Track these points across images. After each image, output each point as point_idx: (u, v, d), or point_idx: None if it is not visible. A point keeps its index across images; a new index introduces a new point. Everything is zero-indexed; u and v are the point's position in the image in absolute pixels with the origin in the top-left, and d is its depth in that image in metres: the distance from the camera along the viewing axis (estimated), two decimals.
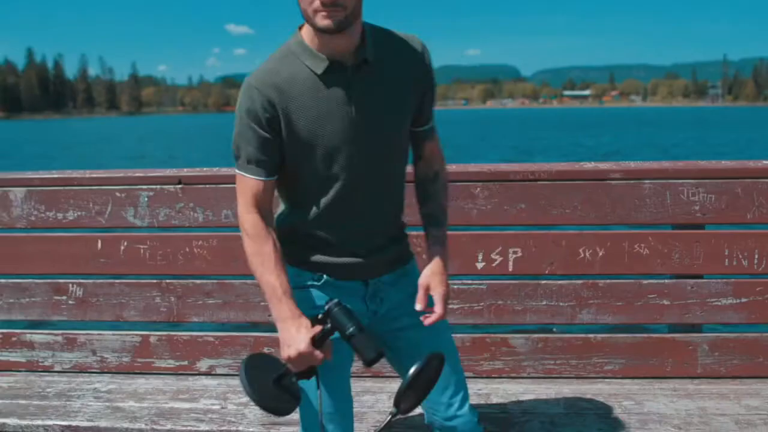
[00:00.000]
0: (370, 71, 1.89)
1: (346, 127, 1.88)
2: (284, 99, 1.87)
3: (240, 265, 2.98)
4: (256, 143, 1.90)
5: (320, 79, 1.87)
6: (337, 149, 1.90)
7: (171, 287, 3.08)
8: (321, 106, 1.87)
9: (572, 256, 2.91)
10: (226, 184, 3.02)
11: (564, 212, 2.90)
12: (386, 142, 1.96)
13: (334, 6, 1.76)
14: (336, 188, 1.94)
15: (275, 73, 1.89)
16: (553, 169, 2.91)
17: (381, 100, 1.92)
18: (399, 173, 2.05)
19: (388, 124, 1.94)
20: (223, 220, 3.03)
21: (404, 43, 1.97)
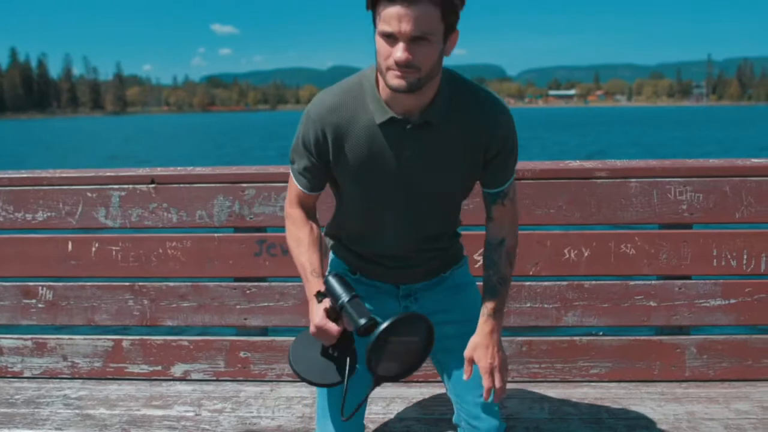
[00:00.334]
0: (431, 131, 1.90)
1: (392, 178, 1.94)
2: (339, 138, 1.92)
3: (215, 266, 2.91)
4: (306, 164, 2.00)
5: (379, 127, 1.90)
6: (379, 194, 1.98)
7: (144, 290, 2.99)
8: (372, 153, 1.92)
9: (557, 257, 2.83)
10: (200, 183, 2.93)
11: (548, 212, 2.82)
12: (430, 199, 2.00)
13: (408, 67, 1.74)
14: (373, 224, 2.04)
15: (337, 110, 1.91)
16: (538, 168, 2.83)
17: (434, 160, 1.93)
18: (446, 215, 2.11)
19: (435, 184, 1.97)
20: (198, 220, 2.94)
21: (479, 107, 1.94)
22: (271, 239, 2.91)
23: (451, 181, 2.01)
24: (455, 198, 2.10)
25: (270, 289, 2.94)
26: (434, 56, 1.77)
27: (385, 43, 1.75)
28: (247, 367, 2.96)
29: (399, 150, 1.92)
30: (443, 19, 1.75)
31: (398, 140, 1.91)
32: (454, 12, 1.77)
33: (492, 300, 2.05)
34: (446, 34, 1.79)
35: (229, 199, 2.92)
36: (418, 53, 1.74)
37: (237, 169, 2.96)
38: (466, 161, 1.97)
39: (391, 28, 1.71)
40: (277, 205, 2.90)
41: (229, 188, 2.92)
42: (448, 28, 1.78)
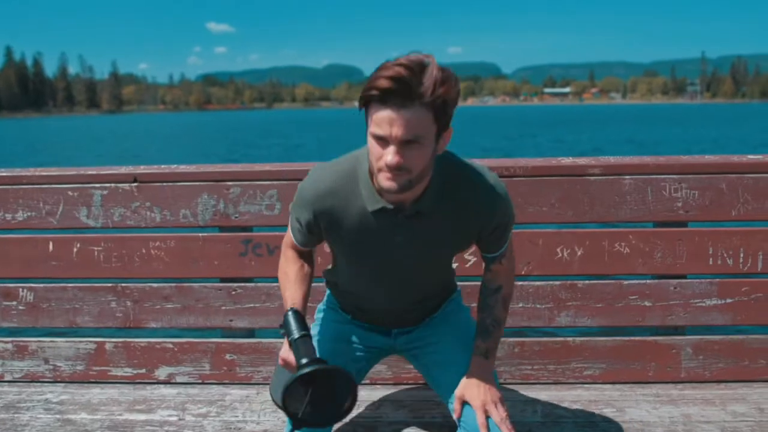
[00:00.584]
0: (422, 219, 1.94)
1: (384, 260, 2.02)
2: (332, 222, 1.99)
3: (200, 266, 2.84)
4: (300, 228, 2.08)
5: (371, 215, 1.94)
6: (372, 272, 2.07)
7: (127, 291, 2.91)
8: (364, 238, 1.97)
9: (549, 256, 2.77)
10: (184, 181, 2.86)
11: (541, 210, 2.76)
12: (422, 271, 2.09)
13: (399, 170, 1.75)
14: (365, 290, 2.16)
15: (331, 195, 1.95)
16: (530, 165, 2.77)
17: (426, 244, 1.99)
18: (438, 278, 2.21)
19: (427, 261, 2.06)
20: (181, 219, 2.87)
21: (473, 196, 1.96)
22: (256, 239, 2.85)
23: (442, 257, 2.12)
24: (449, 264, 2.21)
25: (256, 290, 2.87)
26: (426, 158, 1.78)
27: (377, 145, 1.75)
28: (233, 370, 2.89)
29: (391, 236, 1.96)
30: (436, 121, 1.74)
31: (390, 228, 1.94)
32: (446, 112, 1.76)
33: (484, 341, 2.11)
34: (439, 134, 1.79)
35: (213, 198, 2.85)
36: (409, 156, 1.74)
37: (221, 167, 2.89)
38: (459, 240, 2.04)
39: (383, 131, 1.71)
40: (263, 203, 2.83)
41: (214, 186, 2.85)
42: (441, 128, 1.78)
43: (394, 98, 1.68)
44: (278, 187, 2.82)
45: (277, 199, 2.82)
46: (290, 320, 1.94)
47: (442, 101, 1.71)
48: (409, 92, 1.67)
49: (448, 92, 1.72)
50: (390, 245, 1.98)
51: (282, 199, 2.82)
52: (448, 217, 1.95)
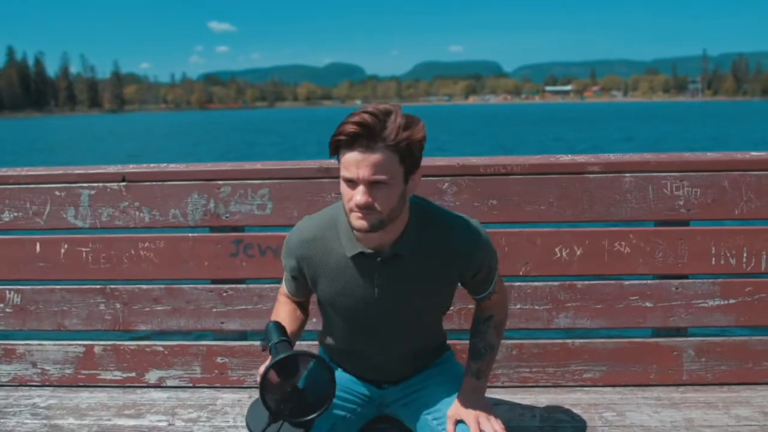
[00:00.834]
0: (401, 263, 2.01)
1: (366, 306, 2.06)
2: (314, 269, 2.07)
3: (190, 267, 2.78)
4: (288, 277, 2.19)
5: (350, 261, 2.02)
6: (356, 321, 2.11)
7: (116, 293, 2.85)
8: (346, 283, 2.05)
9: (548, 256, 2.70)
10: (173, 181, 2.80)
11: (539, 208, 2.69)
12: (407, 323, 2.12)
13: (368, 209, 1.84)
14: (352, 340, 2.18)
15: (312, 244, 2.06)
16: (527, 163, 2.70)
17: (407, 289, 2.04)
18: (426, 331, 2.23)
19: (410, 308, 2.08)
20: (171, 219, 2.81)
21: (450, 240, 2.02)
22: (248, 239, 2.78)
23: (426, 306, 2.13)
24: (433, 315, 2.22)
25: (248, 292, 2.81)
26: (394, 198, 1.87)
27: (348, 188, 1.86)
28: (224, 373, 2.83)
29: (371, 281, 2.03)
30: (401, 163, 1.85)
31: (370, 272, 2.02)
32: (412, 154, 1.86)
33: (476, 362, 2.15)
34: (407, 175, 1.89)
35: (203, 198, 2.79)
36: (377, 196, 1.84)
37: (212, 166, 2.82)
38: (441, 286, 2.09)
39: (351, 174, 1.83)
40: (254, 203, 2.77)
41: (204, 186, 2.79)
42: (408, 169, 1.88)
43: (359, 141, 1.80)
44: (270, 186, 2.76)
45: (268, 199, 2.76)
46: (271, 328, 1.90)
47: (406, 144, 1.82)
48: (374, 135, 1.79)
49: (412, 136, 1.82)
50: (372, 292, 2.04)
51: (273, 199, 2.76)
52: (427, 260, 2.02)
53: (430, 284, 2.05)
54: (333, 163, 2.73)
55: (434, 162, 2.72)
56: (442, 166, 2.70)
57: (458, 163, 2.71)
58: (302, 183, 2.73)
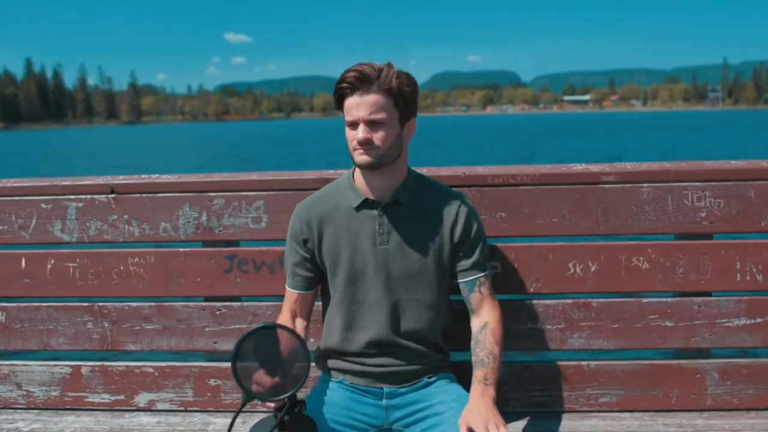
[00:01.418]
0: (403, 211, 2.23)
1: (368, 253, 2.22)
2: (321, 223, 2.26)
3: (182, 284, 2.63)
4: (295, 259, 2.31)
5: (355, 210, 2.23)
6: (359, 272, 2.23)
7: (104, 311, 2.71)
8: (351, 233, 2.23)
9: (561, 272, 2.53)
10: (164, 192, 2.66)
11: (551, 221, 2.52)
12: (408, 273, 2.23)
13: (368, 145, 2.10)
14: (355, 311, 2.26)
15: (320, 201, 2.29)
16: (538, 172, 2.54)
17: (407, 237, 2.22)
18: (427, 302, 2.26)
19: (411, 258, 2.23)
20: (162, 233, 2.66)
21: (445, 196, 2.29)
22: (242, 254, 2.63)
23: (423, 261, 2.23)
24: (431, 286, 2.25)
25: (242, 310, 2.65)
26: (391, 137, 2.12)
27: (350, 130, 2.13)
28: (217, 397, 2.67)
29: (374, 229, 2.22)
30: (396, 107, 2.12)
31: (373, 219, 2.22)
32: (405, 100, 2.13)
33: (482, 369, 2.15)
34: (402, 120, 2.16)
35: (196, 210, 2.64)
36: (376, 134, 2.10)
37: (204, 177, 2.68)
38: (435, 241, 2.24)
39: (352, 116, 2.10)
40: (248, 216, 2.62)
41: (196, 198, 2.64)
42: (403, 114, 2.15)
43: (358, 87, 2.08)
44: (265, 198, 2.61)
45: (264, 211, 2.61)
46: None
47: (398, 90, 2.10)
48: (370, 81, 2.08)
49: (403, 84, 2.11)
50: (374, 238, 2.21)
51: (269, 212, 2.61)
52: (423, 211, 2.24)
53: (426, 234, 2.23)
54: (332, 173, 2.59)
55: (439, 172, 2.57)
56: (446, 176, 2.54)
57: (464, 173, 2.55)
58: (300, 194, 2.57)
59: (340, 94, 2.12)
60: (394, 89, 2.10)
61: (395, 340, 2.24)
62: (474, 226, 2.26)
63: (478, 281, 2.26)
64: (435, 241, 2.24)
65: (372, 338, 2.24)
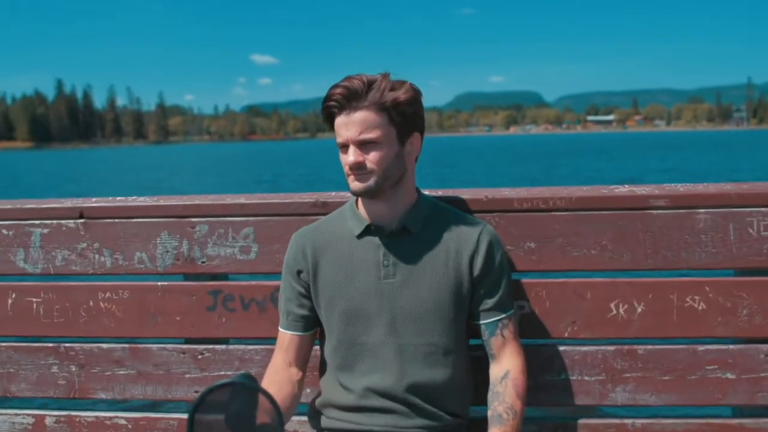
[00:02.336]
0: (411, 240, 1.94)
1: (371, 288, 1.93)
2: (317, 252, 1.98)
3: (159, 324, 2.29)
4: (289, 294, 2.03)
5: (357, 239, 1.96)
6: (359, 310, 1.94)
7: (71, 353, 2.36)
8: (351, 264, 1.95)
9: (601, 313, 2.15)
10: (140, 217, 2.32)
11: (589, 253, 2.15)
12: (418, 312, 1.93)
13: (361, 169, 1.85)
14: (354, 352, 1.95)
15: (318, 228, 2.03)
16: (574, 195, 2.16)
17: (416, 269, 1.93)
18: (440, 347, 1.95)
19: (421, 294, 1.93)
20: (137, 265, 2.32)
21: (462, 222, 1.99)
22: (228, 289, 2.28)
23: (436, 298, 1.93)
24: (445, 328, 1.94)
25: (227, 354, 2.29)
26: (388, 157, 1.86)
27: (342, 154, 1.88)
28: None
29: (378, 260, 1.94)
30: (391, 122, 1.86)
31: (377, 250, 1.94)
32: (401, 114, 1.86)
33: (499, 427, 1.88)
34: (402, 137, 1.89)
35: (175, 238, 2.29)
36: (369, 156, 1.85)
37: (186, 200, 2.33)
38: (450, 275, 1.93)
39: (341, 138, 1.86)
40: (236, 245, 2.26)
41: (176, 224, 2.30)
42: (401, 130, 1.88)
43: (344, 105, 1.84)
44: (255, 224, 2.26)
45: (253, 240, 2.26)
46: None
47: (392, 103, 1.83)
48: (357, 96, 1.82)
49: (398, 96, 1.84)
50: (378, 272, 1.93)
51: (260, 240, 2.25)
52: (436, 240, 1.95)
53: (440, 268, 1.93)
54: (331, 195, 2.24)
55: (458, 194, 2.20)
56: (466, 200, 2.17)
57: (486, 195, 2.18)
58: (294, 220, 2.23)
59: (328, 113, 1.89)
60: (386, 103, 1.84)
61: (400, 394, 1.91)
62: (497, 257, 1.97)
63: (500, 323, 1.97)
64: (450, 274, 1.94)
65: (371, 390, 1.92)
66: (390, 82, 1.85)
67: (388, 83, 1.85)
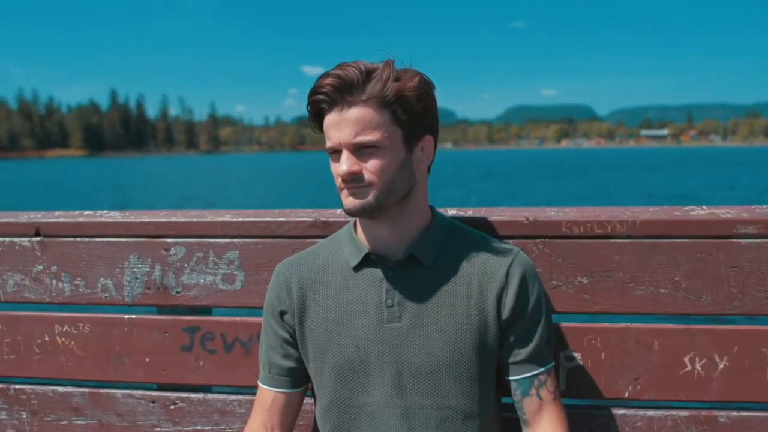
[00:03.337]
0: (423, 273, 1.57)
1: (371, 335, 1.56)
2: (304, 289, 1.62)
3: (126, 365, 1.91)
4: (270, 341, 1.66)
5: (354, 272, 1.59)
6: (357, 362, 1.57)
7: (22, 397, 1.99)
8: (347, 305, 1.59)
9: (672, 369, 1.70)
10: (105, 236, 1.94)
11: (657, 292, 1.70)
12: (430, 365, 1.55)
13: (356, 181, 1.49)
14: (349, 416, 1.58)
15: (307, 259, 1.66)
16: (639, 219, 1.70)
17: (428, 310, 1.56)
18: (459, 410, 1.56)
19: (434, 342, 1.55)
20: (100, 293, 1.94)
21: (488, 251, 1.60)
22: (207, 326, 1.88)
23: (454, 347, 1.54)
24: (465, 386, 1.55)
25: (205, 405, 1.89)
26: (391, 167, 1.50)
27: (333, 162, 1.54)
28: None
29: (380, 298, 1.56)
30: (395, 122, 1.49)
31: (378, 286, 1.57)
32: (409, 111, 1.49)
33: None
34: (409, 140, 1.52)
35: (146, 262, 1.90)
36: (366, 164, 1.49)
37: (158, 215, 1.93)
38: (471, 318, 1.55)
39: (332, 141, 1.51)
40: (217, 272, 1.86)
41: (147, 245, 1.90)
42: (409, 131, 1.52)
43: (337, 100, 1.48)
44: (241, 247, 1.85)
45: (238, 266, 1.85)
46: None
47: (397, 96, 1.47)
48: (352, 88, 1.46)
49: (404, 87, 1.47)
50: (381, 314, 1.55)
51: (246, 267, 1.85)
52: (453, 274, 1.56)
53: (460, 310, 1.55)
54: (335, 213, 1.83)
55: (491, 215, 1.77)
56: (502, 221, 1.74)
57: (528, 217, 1.74)
58: (288, 244, 1.82)
59: (316, 110, 1.52)
60: (389, 97, 1.47)
61: None
62: (532, 295, 1.57)
63: (536, 380, 1.58)
64: (472, 318, 1.55)
65: None
66: (394, 71, 1.48)
67: (392, 72, 1.48)
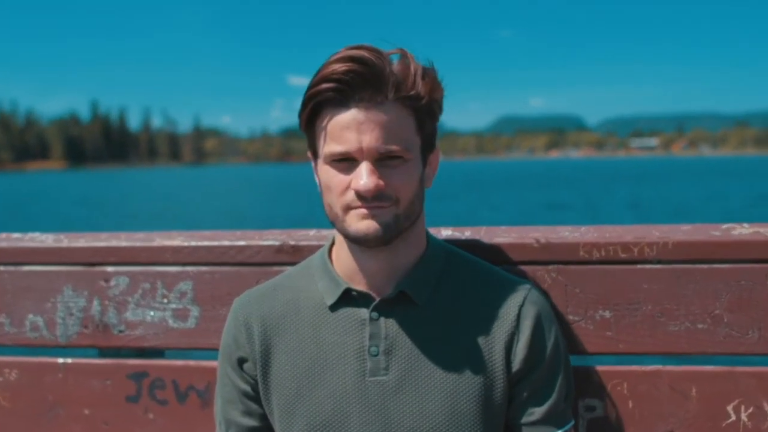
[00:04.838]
0: (414, 314, 1.31)
1: (351, 390, 1.30)
2: (269, 333, 1.35)
3: (60, 418, 1.64)
4: (227, 394, 1.39)
5: (331, 312, 1.33)
6: (333, 424, 1.30)
7: None
8: (321, 352, 1.33)
9: (712, 419, 1.44)
10: (35, 264, 1.68)
11: (694, 327, 1.43)
12: (424, 428, 1.29)
13: (381, 199, 1.23)
14: None
15: (272, 294, 1.38)
16: (672, 240, 1.43)
17: (422, 361, 1.30)
18: None
19: (429, 400, 1.29)
20: (29, 332, 1.68)
21: (495, 286, 1.34)
22: (156, 372, 1.61)
23: (452, 406, 1.29)
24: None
25: None
26: (414, 183, 1.27)
27: (338, 173, 1.24)
28: None
29: (362, 345, 1.31)
30: (419, 130, 1.27)
31: (360, 330, 1.31)
32: (432, 119, 1.29)
33: None
34: (425, 151, 1.30)
35: (83, 295, 1.63)
36: (391, 177, 1.23)
37: (98, 240, 1.65)
38: (476, 370, 1.30)
39: (346, 145, 1.21)
40: (167, 307, 1.59)
41: (84, 274, 1.64)
42: (427, 141, 1.30)
43: (358, 91, 1.20)
44: (195, 277, 1.58)
45: (192, 300, 1.58)
46: None
47: (427, 99, 1.24)
48: (380, 82, 1.19)
49: (436, 88, 1.25)
50: (362, 366, 1.31)
51: (200, 301, 1.57)
52: (453, 315, 1.33)
53: (460, 361, 1.31)
54: (307, 235, 1.56)
55: (494, 236, 1.49)
56: (507, 244, 1.46)
57: (538, 238, 1.46)
58: (251, 272, 1.55)
59: (319, 102, 1.23)
60: (422, 96, 1.23)
61: None
62: (549, 343, 1.34)
63: None
64: (476, 369, 1.31)
65: None
66: (418, 64, 1.25)
67: (418, 65, 1.25)
